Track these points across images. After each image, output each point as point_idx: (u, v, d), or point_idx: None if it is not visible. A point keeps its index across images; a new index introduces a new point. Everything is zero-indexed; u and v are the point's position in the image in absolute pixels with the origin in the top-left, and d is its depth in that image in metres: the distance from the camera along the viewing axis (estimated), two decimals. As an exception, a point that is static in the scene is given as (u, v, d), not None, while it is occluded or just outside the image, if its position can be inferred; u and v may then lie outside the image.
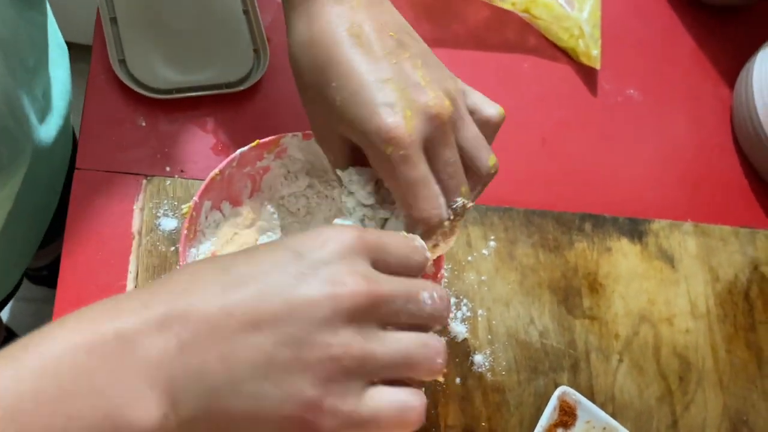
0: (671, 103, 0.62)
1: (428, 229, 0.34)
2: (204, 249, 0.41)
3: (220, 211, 0.42)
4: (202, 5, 0.50)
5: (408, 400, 0.27)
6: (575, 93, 0.60)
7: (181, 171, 0.46)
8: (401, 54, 0.35)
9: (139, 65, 0.46)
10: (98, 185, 0.44)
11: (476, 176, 0.36)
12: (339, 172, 0.37)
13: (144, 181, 0.45)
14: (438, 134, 0.34)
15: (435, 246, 0.36)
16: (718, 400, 0.52)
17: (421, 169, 0.33)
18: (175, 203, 0.45)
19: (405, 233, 0.32)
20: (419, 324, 0.29)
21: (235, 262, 0.28)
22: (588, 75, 0.60)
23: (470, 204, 0.36)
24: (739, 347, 0.54)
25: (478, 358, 0.48)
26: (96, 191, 0.44)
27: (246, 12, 0.50)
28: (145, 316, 0.25)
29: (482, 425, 0.46)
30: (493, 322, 0.49)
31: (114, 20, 0.47)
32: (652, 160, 0.59)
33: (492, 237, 0.52)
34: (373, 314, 0.27)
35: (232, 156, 0.40)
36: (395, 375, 0.27)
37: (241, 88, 0.48)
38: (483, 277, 0.50)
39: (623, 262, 0.54)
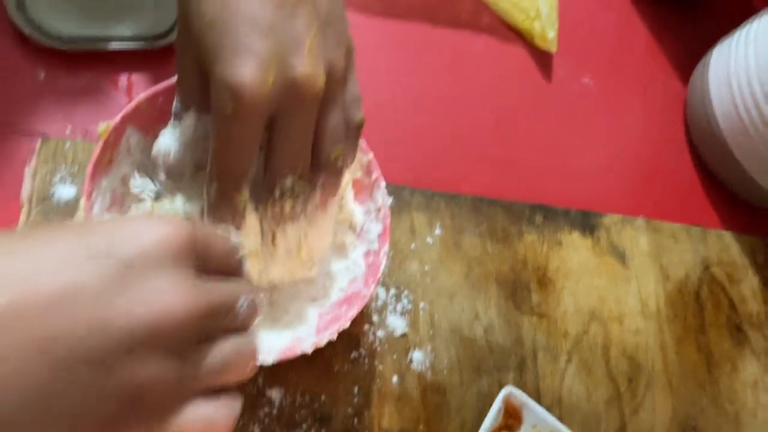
0: (626, 95, 0.59)
1: (219, 195, 0.30)
2: (113, 183, 0.35)
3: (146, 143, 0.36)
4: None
5: (215, 415, 0.24)
6: (529, 78, 0.56)
7: (85, 132, 0.40)
8: (301, 5, 0.30)
9: (42, 8, 0.40)
10: (-16, 144, 0.38)
11: (316, 163, 0.32)
12: (177, 105, 0.32)
13: (39, 142, 0.39)
14: (292, 111, 0.30)
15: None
16: (667, 403, 0.49)
17: (246, 138, 0.29)
18: (75, 169, 0.38)
19: (219, 229, 0.28)
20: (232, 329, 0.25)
21: (25, 248, 0.21)
22: (543, 60, 0.57)
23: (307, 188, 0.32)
24: (689, 349, 0.52)
25: (417, 355, 0.43)
26: (-19, 151, 0.38)
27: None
28: None
29: (420, 428, 0.42)
30: (436, 316, 0.45)
31: (14, -45, 0.41)
32: (605, 151, 0.57)
33: (438, 224, 0.48)
34: (193, 333, 0.23)
35: (166, 83, 0.34)
36: (209, 386, 0.24)
37: (163, 42, 0.42)
38: (426, 267, 0.46)
39: (574, 257, 0.51)
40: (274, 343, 0.36)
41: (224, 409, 0.25)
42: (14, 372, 0.19)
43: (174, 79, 0.34)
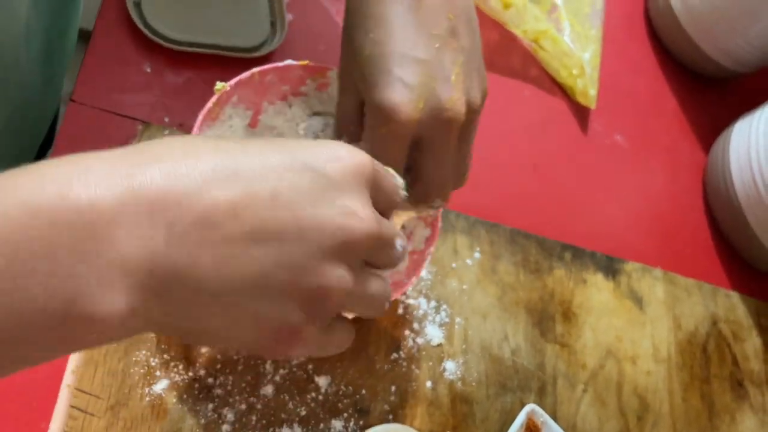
0: (653, 155, 0.64)
1: None
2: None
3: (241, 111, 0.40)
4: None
5: (350, 335, 0.29)
6: (568, 128, 0.61)
7: (180, 124, 0.44)
8: (449, 42, 0.33)
9: (155, 11, 0.45)
10: (91, 123, 0.42)
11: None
12: (334, 135, 0.36)
13: (140, 127, 0.43)
14: (439, 137, 0.33)
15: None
16: (672, 444, 0.52)
17: (396, 156, 0.32)
18: (170, 154, 0.43)
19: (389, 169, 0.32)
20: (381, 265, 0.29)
21: (243, 152, 0.24)
22: (581, 114, 0.62)
23: (444, 206, 0.36)
24: (694, 397, 0.55)
25: (450, 365, 0.47)
26: (88, 128, 0.42)
27: (269, -16, 0.50)
28: (131, 191, 0.21)
29: (447, 433, 0.45)
30: (469, 332, 0.48)
31: (136, -39, 0.46)
32: (630, 204, 0.61)
33: (477, 249, 0.51)
34: (365, 253, 0.26)
35: (278, 64, 0.39)
36: (355, 311, 0.28)
37: (253, 55, 0.47)
38: (465, 286, 0.50)
39: (596, 296, 0.55)
40: None
41: (353, 333, 0.28)
42: (237, 256, 0.23)
43: (277, 64, 0.39)
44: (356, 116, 0.35)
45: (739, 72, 0.69)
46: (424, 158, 0.34)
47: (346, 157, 0.26)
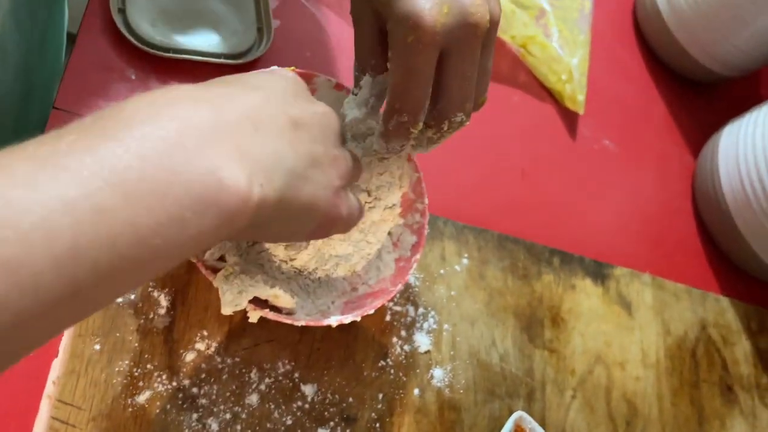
0: (641, 160, 0.64)
1: (397, 127, 0.34)
2: None
3: None
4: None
5: (357, 204, 0.35)
6: (556, 133, 0.61)
7: (165, 132, 0.44)
8: None
9: (139, 18, 0.45)
10: (74, 130, 0.42)
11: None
12: (356, 72, 0.37)
13: (124, 134, 0.43)
14: (465, 44, 0.32)
15: (415, 147, 0.38)
16: (661, 449, 0.52)
17: (425, 67, 0.32)
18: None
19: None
20: None
21: (242, 79, 0.31)
22: (570, 119, 0.62)
23: (467, 122, 0.35)
24: (683, 401, 0.55)
25: (438, 372, 0.47)
26: (70, 135, 0.41)
27: (255, -10, 0.50)
28: (219, 100, 0.27)
29: (434, 441, 0.45)
30: (458, 338, 0.48)
31: (121, -32, 0.45)
32: (619, 209, 0.61)
33: (465, 255, 0.51)
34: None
35: (266, 70, 0.39)
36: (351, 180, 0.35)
37: (240, 61, 0.47)
38: (453, 293, 0.49)
39: (585, 301, 0.55)
40: (305, 316, 0.39)
41: (361, 204, 0.35)
42: (302, 142, 0.30)
43: (268, 69, 0.38)
44: (377, 46, 0.34)
45: (727, 76, 0.69)
46: (450, 69, 0.33)
47: (285, 71, 0.34)
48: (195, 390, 0.39)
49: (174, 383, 0.38)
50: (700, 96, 0.71)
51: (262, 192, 0.26)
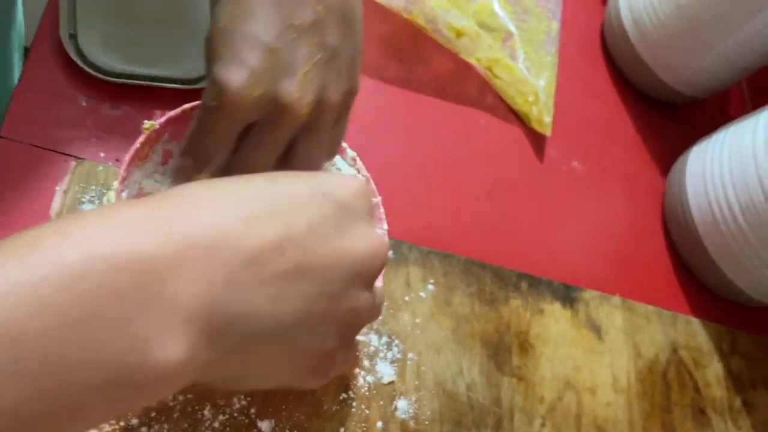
0: (610, 182, 0.64)
1: (184, 169, 0.33)
2: (141, 177, 0.38)
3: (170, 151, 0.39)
4: (170, -3, 0.48)
5: (357, 349, 0.33)
6: (524, 155, 0.61)
7: (116, 160, 0.43)
8: (309, 35, 0.32)
9: (91, 43, 0.43)
10: (21, 159, 0.40)
11: None
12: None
13: (73, 164, 0.41)
14: (268, 125, 0.32)
15: None
16: (633, 477, 0.51)
17: (221, 131, 0.32)
18: (103, 191, 0.41)
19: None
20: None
21: (272, 186, 0.26)
22: (537, 141, 0.62)
23: None
24: (655, 426, 0.54)
25: (402, 403, 0.45)
26: (18, 165, 0.40)
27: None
28: (185, 238, 0.22)
29: (398, 475, 0.43)
30: (423, 367, 0.47)
31: (73, -9, 0.44)
32: (588, 231, 0.61)
33: (431, 280, 0.50)
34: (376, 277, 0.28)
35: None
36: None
37: (197, 86, 0.46)
38: (417, 320, 0.48)
39: (554, 326, 0.54)
40: None
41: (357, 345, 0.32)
42: (286, 292, 0.24)
43: None
44: None
45: (694, 97, 0.69)
46: (250, 139, 0.33)
47: (352, 183, 0.28)
48: (144, 429, 0.37)
49: (122, 423, 0.37)
50: (669, 116, 0.71)
51: (202, 362, 0.22)
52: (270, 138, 0.32)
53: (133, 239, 0.21)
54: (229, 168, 0.34)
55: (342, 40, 0.33)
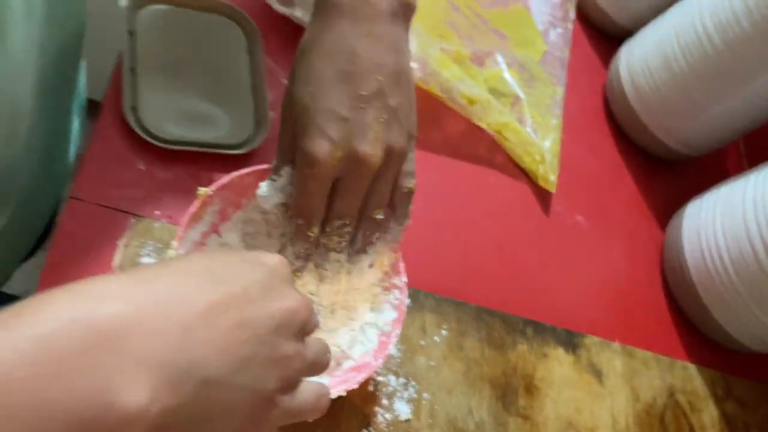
0: (612, 235, 0.69)
1: (298, 229, 0.42)
2: (196, 235, 0.44)
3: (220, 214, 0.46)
4: (217, 74, 0.54)
5: (321, 390, 0.34)
6: (531, 210, 0.66)
7: (169, 217, 0.48)
8: (374, 102, 0.40)
9: (149, 115, 0.50)
10: (88, 216, 0.46)
11: (364, 216, 0.44)
12: (276, 161, 0.43)
13: (133, 220, 0.47)
14: (351, 177, 0.41)
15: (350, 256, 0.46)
16: None
17: (318, 191, 0.41)
18: (159, 246, 0.47)
19: None
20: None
21: (213, 262, 0.31)
22: (543, 197, 0.67)
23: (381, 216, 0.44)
24: (652, 466, 0.58)
25: (417, 439, 0.50)
26: (84, 222, 0.46)
27: (254, 86, 0.55)
28: (148, 301, 0.26)
29: (413, 506, 0.48)
30: (436, 407, 0.52)
31: (134, 70, 0.51)
32: (590, 281, 0.66)
33: (445, 326, 0.55)
34: (304, 327, 0.33)
35: (256, 168, 0.45)
36: (309, 373, 0.34)
37: (239, 151, 0.52)
38: (432, 362, 0.53)
39: (558, 370, 0.58)
40: None
41: (324, 387, 0.34)
42: (232, 344, 0.28)
43: (256, 167, 0.46)
44: (293, 154, 0.42)
45: (691, 155, 0.75)
46: (339, 190, 0.42)
47: (273, 257, 0.33)
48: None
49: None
50: (667, 173, 0.76)
51: (162, 406, 0.25)
52: (354, 187, 0.41)
53: (102, 305, 0.25)
54: (328, 217, 0.42)
55: (400, 99, 0.41)
